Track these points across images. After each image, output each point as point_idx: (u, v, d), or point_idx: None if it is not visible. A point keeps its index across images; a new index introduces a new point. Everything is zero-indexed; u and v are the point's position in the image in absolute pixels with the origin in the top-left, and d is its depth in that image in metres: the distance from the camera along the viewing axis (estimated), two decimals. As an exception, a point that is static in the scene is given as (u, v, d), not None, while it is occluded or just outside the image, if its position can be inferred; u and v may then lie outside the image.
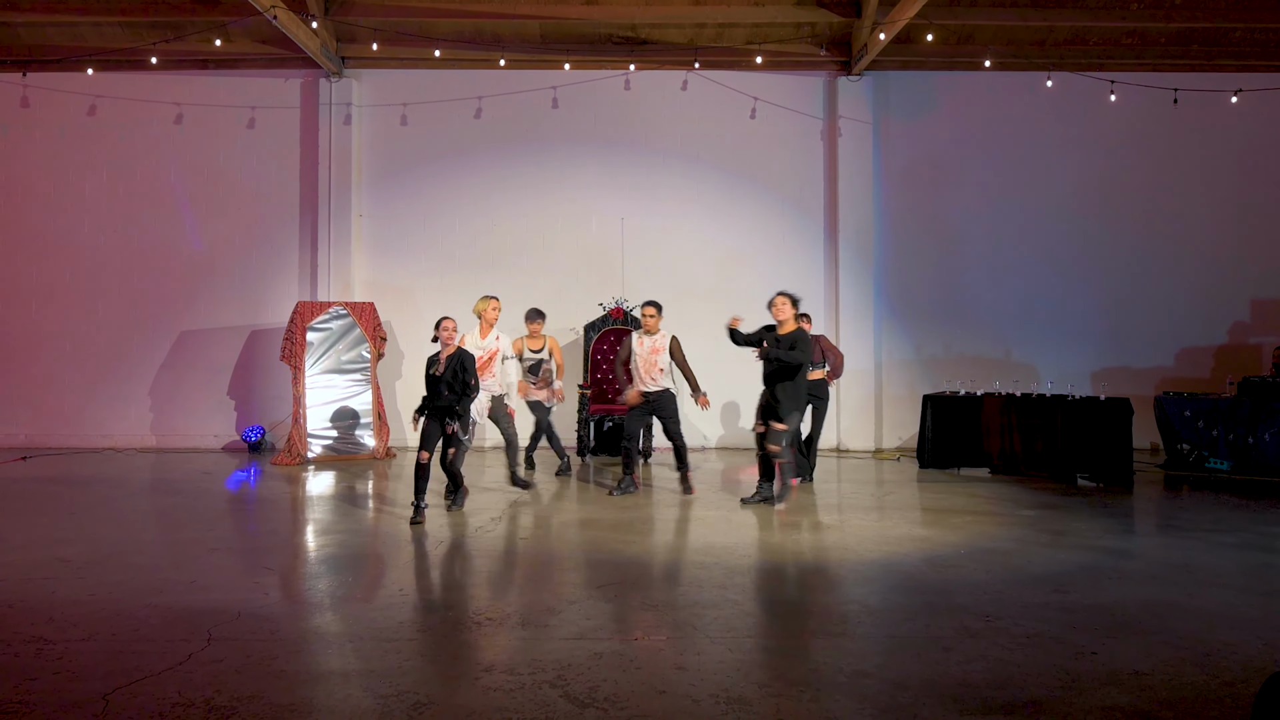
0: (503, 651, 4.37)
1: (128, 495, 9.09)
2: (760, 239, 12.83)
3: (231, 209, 12.83)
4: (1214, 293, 12.81)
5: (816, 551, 6.59)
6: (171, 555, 6.41)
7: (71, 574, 5.79)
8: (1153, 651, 4.38)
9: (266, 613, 5.02)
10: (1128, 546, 6.81)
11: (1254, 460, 9.94)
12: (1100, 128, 12.79)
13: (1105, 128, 12.78)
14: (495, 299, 9.46)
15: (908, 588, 5.58)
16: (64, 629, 4.68)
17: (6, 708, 3.68)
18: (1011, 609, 5.07)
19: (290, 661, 4.24)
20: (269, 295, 12.71)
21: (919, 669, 4.16)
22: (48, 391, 12.72)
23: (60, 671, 4.09)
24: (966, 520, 7.67)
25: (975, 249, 12.87)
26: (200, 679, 3.99)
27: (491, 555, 6.35)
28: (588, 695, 3.84)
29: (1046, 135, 12.88)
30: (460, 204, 12.85)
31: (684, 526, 7.45)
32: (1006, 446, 10.37)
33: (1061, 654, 4.35)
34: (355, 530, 7.32)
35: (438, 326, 7.71)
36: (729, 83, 12.76)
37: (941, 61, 12.76)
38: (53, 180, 12.83)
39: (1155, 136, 12.81)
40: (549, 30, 12.55)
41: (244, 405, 12.76)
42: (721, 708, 3.72)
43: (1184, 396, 10.60)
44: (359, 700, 3.80)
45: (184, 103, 12.79)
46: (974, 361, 12.67)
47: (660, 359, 8.63)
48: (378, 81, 12.88)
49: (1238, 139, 12.83)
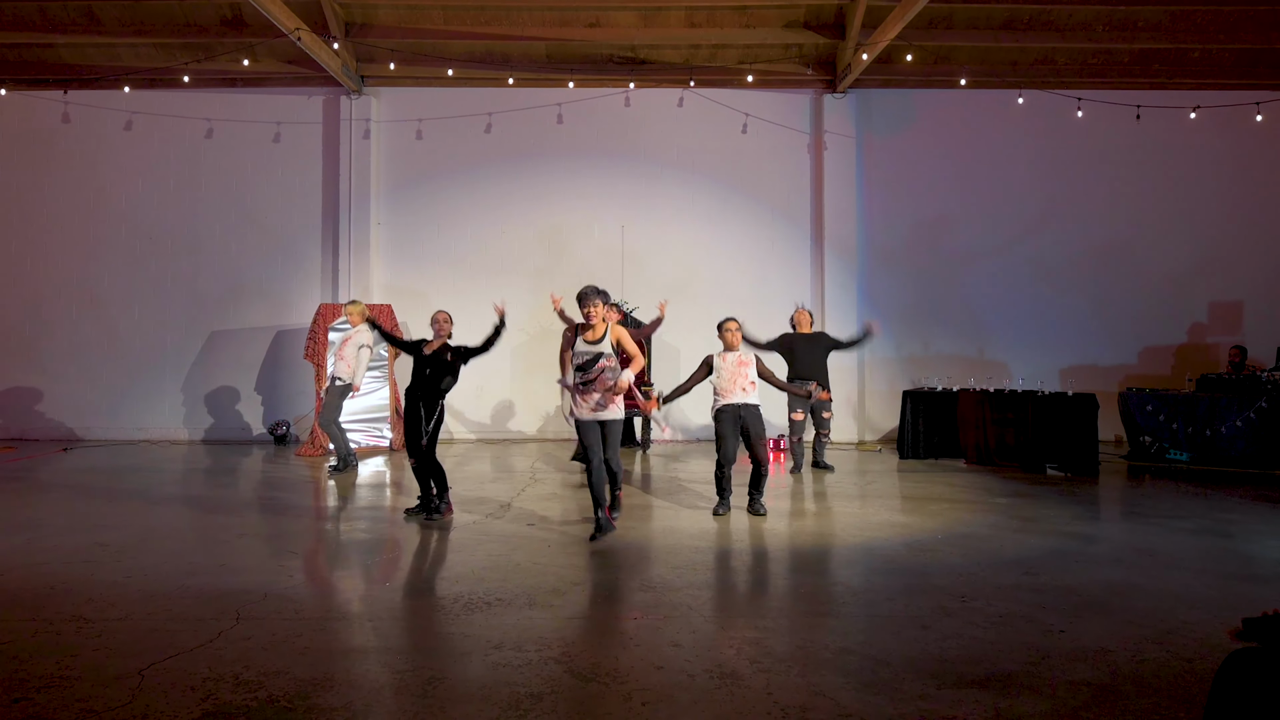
0: (511, 630, 4.36)
1: (161, 484, 9.08)
2: (751, 245, 12.82)
3: (258, 217, 12.82)
4: (1174, 296, 12.81)
5: (804, 537, 6.59)
6: (202, 540, 6.41)
7: (109, 557, 5.79)
8: (1116, 630, 4.38)
9: (291, 594, 5.02)
10: (1093, 532, 6.81)
11: (1211, 452, 9.95)
12: (1068, 142, 12.79)
13: (1073, 142, 12.79)
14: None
15: (888, 570, 5.58)
16: (103, 608, 4.68)
17: (50, 681, 3.68)
18: (985, 590, 5.07)
19: (313, 639, 4.24)
20: (293, 298, 12.70)
21: (899, 646, 4.16)
22: (88, 388, 12.71)
23: (99, 648, 4.09)
24: (943, 507, 7.66)
25: (951, 254, 12.87)
26: (229, 655, 3.99)
27: (501, 541, 6.35)
28: (590, 670, 3.84)
29: (1018, 149, 12.88)
30: (471, 213, 12.84)
31: (680, 513, 7.43)
32: (981, 439, 10.37)
33: (1031, 632, 4.35)
34: (373, 517, 7.32)
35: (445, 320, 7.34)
36: (722, 100, 12.74)
37: (920, 80, 12.76)
38: (92, 191, 12.82)
39: (1119, 150, 12.81)
40: (554, 51, 12.55)
41: (270, 400, 12.75)
42: (715, 682, 3.72)
43: (1146, 392, 10.60)
44: (377, 675, 3.80)
45: (214, 118, 12.77)
46: (950, 359, 12.67)
47: (749, 371, 7.39)
48: (395, 99, 12.86)
49: (1196, 152, 12.83)
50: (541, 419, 12.75)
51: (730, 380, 7.30)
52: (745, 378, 7.30)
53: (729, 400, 7.27)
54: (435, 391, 7.06)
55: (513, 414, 12.75)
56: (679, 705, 3.48)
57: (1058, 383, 12.38)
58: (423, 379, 7.07)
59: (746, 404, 7.25)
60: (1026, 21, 12.10)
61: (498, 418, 12.76)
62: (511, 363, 12.65)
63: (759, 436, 7.25)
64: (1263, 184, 12.93)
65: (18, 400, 12.70)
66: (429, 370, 7.07)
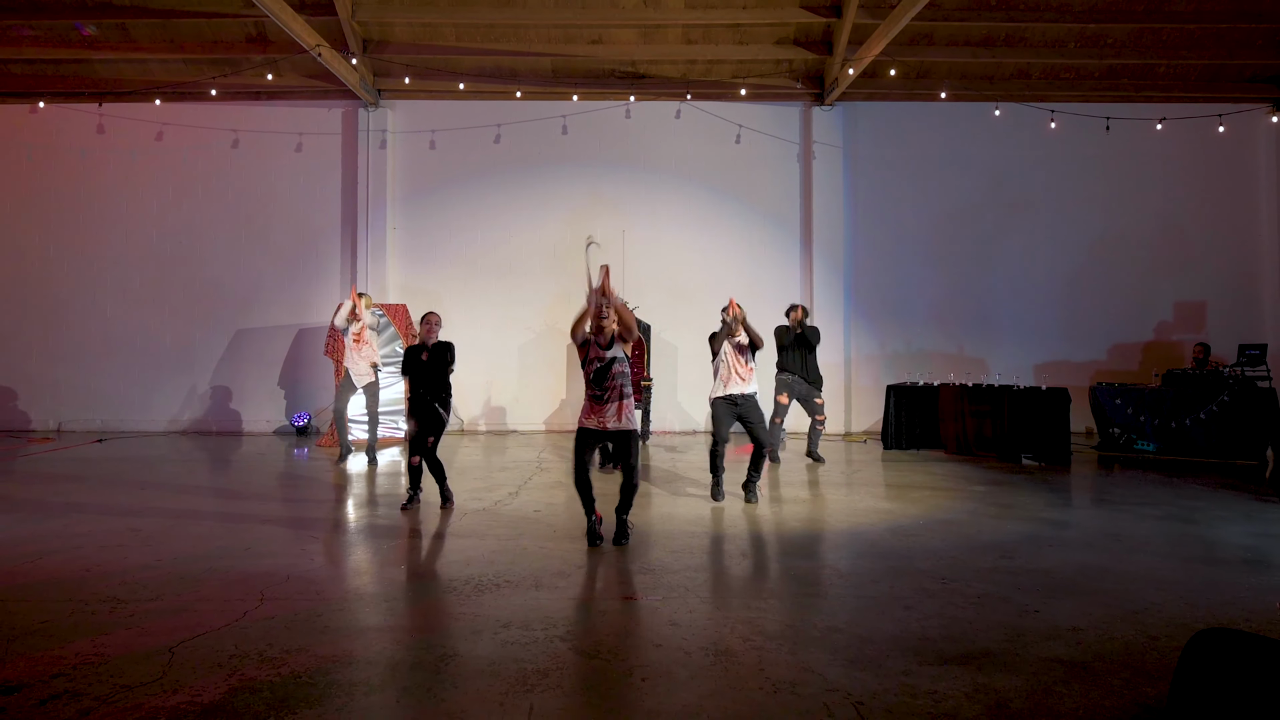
0: (519, 610, 4.35)
1: (190, 474, 9.08)
2: (744, 248, 12.81)
3: (281, 222, 12.81)
4: (1142, 296, 12.81)
5: (793, 522, 6.58)
6: (229, 526, 6.40)
7: (142, 542, 5.79)
8: (1088, 610, 4.37)
9: (312, 576, 5.01)
10: (1066, 518, 6.80)
11: (1177, 442, 9.95)
12: (1042, 151, 12.78)
13: (1046, 151, 12.77)
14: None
15: (874, 554, 5.57)
16: (135, 590, 4.68)
17: (86, 658, 3.67)
18: (964, 572, 5.06)
19: (333, 619, 4.23)
20: (314, 298, 12.69)
21: (883, 625, 4.15)
22: (121, 382, 12.71)
23: (131, 627, 4.08)
24: (925, 495, 7.66)
25: (933, 257, 12.85)
26: (254, 633, 3.98)
27: (509, 526, 6.34)
28: (593, 648, 3.83)
29: (995, 158, 12.87)
30: (482, 218, 12.82)
31: (678, 501, 7.43)
32: (960, 430, 10.36)
33: (1008, 612, 4.34)
34: (389, 504, 7.30)
35: (423, 321, 7.21)
36: (717, 112, 12.72)
37: (903, 93, 12.73)
38: (125, 197, 12.81)
39: (1090, 159, 12.80)
40: (559, 66, 12.52)
41: (292, 394, 12.74)
42: (710, 659, 3.71)
43: (1116, 387, 10.59)
44: (393, 652, 3.79)
45: (240, 129, 12.75)
46: (932, 356, 12.67)
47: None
48: (409, 111, 12.84)
49: (1162, 161, 12.82)
50: (548, 412, 12.74)
51: (729, 369, 7.24)
52: (744, 365, 7.23)
53: (726, 391, 7.23)
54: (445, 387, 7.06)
55: (520, 407, 12.73)
56: (676, 680, 3.47)
57: (1032, 378, 12.40)
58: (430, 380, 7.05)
59: (744, 393, 7.19)
60: (1003, 39, 12.09)
61: (506, 411, 12.75)
62: (519, 359, 12.64)
63: (758, 421, 7.17)
64: (1225, 191, 12.92)
65: (55, 394, 12.70)
66: (433, 370, 7.06)
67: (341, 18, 11.33)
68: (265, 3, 9.53)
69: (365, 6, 11.52)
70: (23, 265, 12.80)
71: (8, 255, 12.81)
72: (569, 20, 11.61)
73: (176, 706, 3.22)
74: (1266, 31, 11.94)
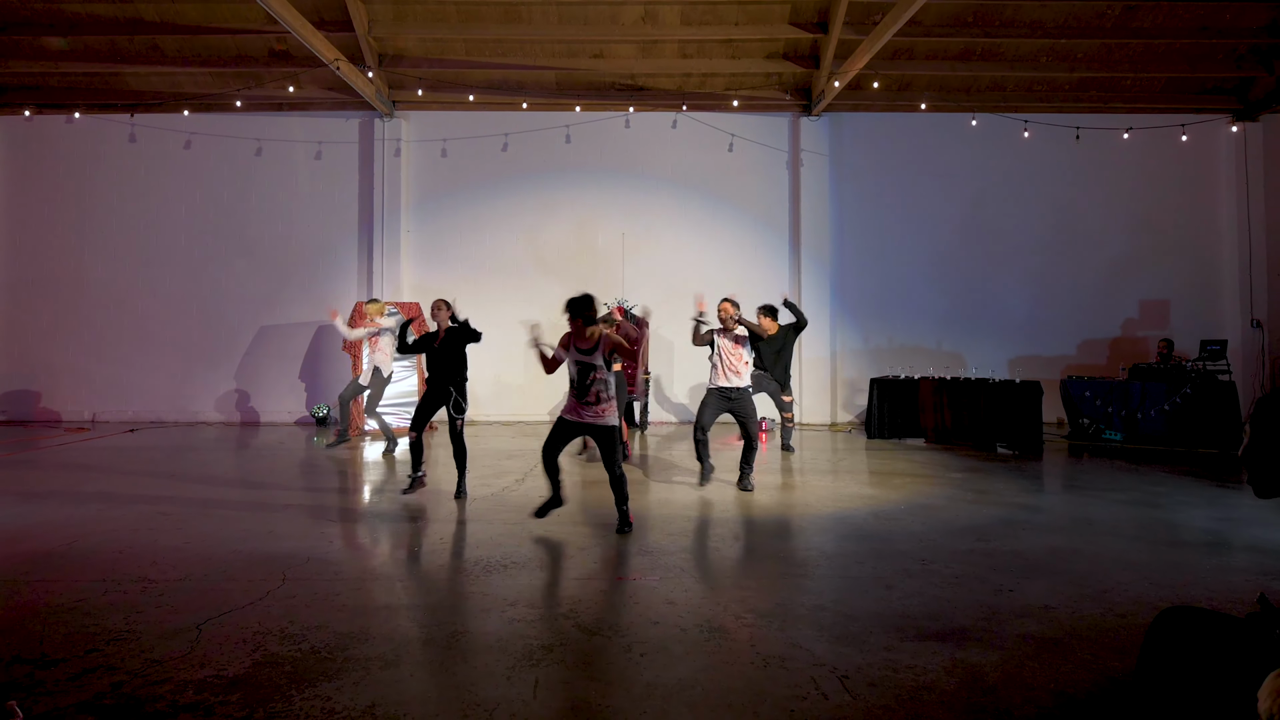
0: (524, 590, 4.35)
1: (217, 461, 9.06)
2: (736, 250, 12.79)
3: (302, 225, 12.78)
4: (1109, 294, 12.80)
5: (782, 507, 6.57)
6: (253, 510, 6.39)
7: (171, 525, 5.78)
8: (1059, 589, 4.37)
9: (331, 557, 5.00)
10: (1038, 503, 6.80)
11: (1142, 432, 9.96)
12: (1016, 159, 12.76)
13: (1020, 159, 12.75)
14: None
15: (857, 537, 5.57)
16: (164, 570, 4.67)
17: (118, 635, 3.67)
18: (942, 554, 5.06)
19: (350, 598, 4.22)
20: (333, 296, 12.66)
21: (867, 604, 4.14)
22: (151, 376, 12.69)
23: (161, 606, 4.07)
24: (906, 481, 7.65)
25: (914, 258, 12.84)
26: (276, 611, 3.98)
27: (516, 511, 6.33)
28: (595, 625, 3.83)
29: (971, 165, 12.84)
30: (490, 222, 12.80)
31: (674, 488, 7.42)
32: (939, 421, 10.36)
33: (984, 591, 4.34)
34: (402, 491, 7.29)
35: (435, 307, 7.04)
36: (710, 122, 12.69)
37: (885, 105, 12.71)
38: (155, 203, 12.78)
39: (1061, 166, 12.78)
40: (563, 79, 12.48)
41: (312, 387, 12.73)
42: (705, 635, 3.71)
43: (1085, 380, 10.59)
44: (407, 629, 3.78)
45: (263, 138, 12.71)
46: (913, 351, 12.66)
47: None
48: (422, 121, 12.80)
49: (1128, 168, 12.80)
50: (553, 403, 12.73)
51: (725, 364, 7.10)
52: (740, 359, 7.09)
53: (720, 383, 7.11)
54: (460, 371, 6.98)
55: (527, 399, 12.72)
56: (673, 655, 3.47)
57: (1007, 371, 12.40)
58: (445, 364, 6.95)
59: (737, 387, 7.06)
60: (979, 53, 12.06)
61: (514, 402, 12.74)
62: (525, 354, 12.61)
63: (749, 417, 7.04)
64: (1187, 196, 12.90)
65: (90, 387, 12.68)
66: (447, 355, 6.95)
67: (358, 33, 11.29)
68: (287, 19, 9.49)
69: (380, 23, 11.47)
70: (60, 266, 12.76)
71: (46, 257, 12.78)
72: (572, 36, 11.57)
73: (204, 679, 3.21)
74: (1226, 47, 11.92)
